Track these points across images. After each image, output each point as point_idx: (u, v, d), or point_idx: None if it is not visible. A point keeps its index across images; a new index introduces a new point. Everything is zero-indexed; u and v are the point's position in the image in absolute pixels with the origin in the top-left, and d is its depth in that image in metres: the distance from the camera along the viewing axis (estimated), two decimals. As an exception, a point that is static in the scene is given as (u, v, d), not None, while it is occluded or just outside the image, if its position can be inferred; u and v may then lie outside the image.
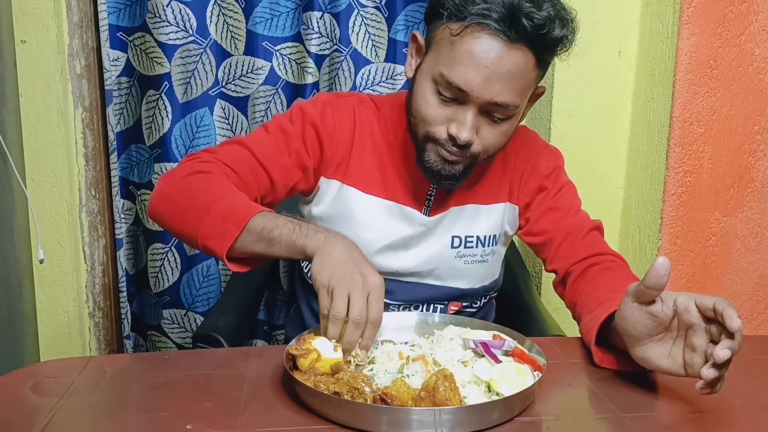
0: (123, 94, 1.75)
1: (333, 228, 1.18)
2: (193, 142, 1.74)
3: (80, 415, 0.87)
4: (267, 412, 0.86)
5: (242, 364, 1.01)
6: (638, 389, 0.93)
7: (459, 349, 0.94)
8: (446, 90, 1.05)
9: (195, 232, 1.03)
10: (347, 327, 0.92)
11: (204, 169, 1.10)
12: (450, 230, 1.22)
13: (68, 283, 1.75)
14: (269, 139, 1.17)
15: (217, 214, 1.02)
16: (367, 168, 1.20)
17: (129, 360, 1.12)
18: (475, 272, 1.25)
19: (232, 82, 1.73)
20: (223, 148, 1.16)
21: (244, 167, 1.14)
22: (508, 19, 0.99)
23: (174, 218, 1.08)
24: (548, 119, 1.71)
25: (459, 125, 1.05)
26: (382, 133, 1.22)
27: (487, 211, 1.24)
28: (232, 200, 1.04)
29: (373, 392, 0.84)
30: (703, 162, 1.56)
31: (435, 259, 1.22)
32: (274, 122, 1.20)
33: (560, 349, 1.07)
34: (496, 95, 1.03)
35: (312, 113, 1.19)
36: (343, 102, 1.22)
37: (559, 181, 1.26)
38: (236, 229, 1.00)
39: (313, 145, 1.19)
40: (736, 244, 1.61)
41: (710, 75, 1.53)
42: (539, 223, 1.24)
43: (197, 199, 1.05)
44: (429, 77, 1.08)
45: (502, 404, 0.83)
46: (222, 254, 1.01)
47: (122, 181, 1.79)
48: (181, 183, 1.09)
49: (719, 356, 0.79)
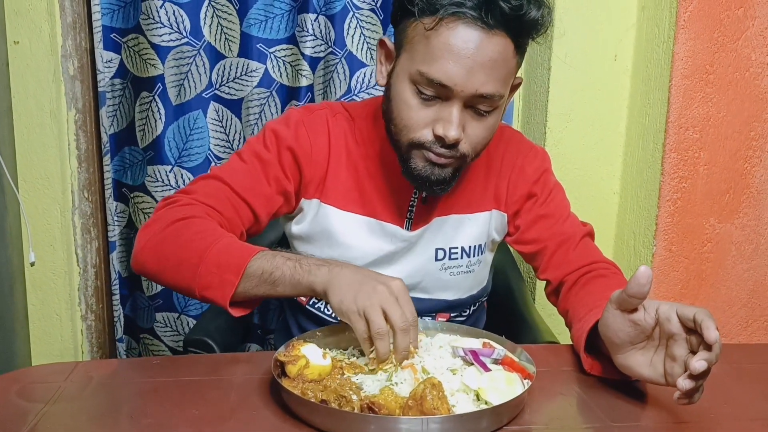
0: (116, 96, 1.74)
1: (314, 246, 1.18)
2: (186, 144, 1.73)
3: (65, 421, 0.86)
4: (254, 420, 0.85)
5: (230, 371, 1.00)
6: (629, 398, 0.92)
7: (448, 357, 0.94)
8: (427, 88, 1.01)
9: (191, 285, 1.00)
10: (397, 338, 0.89)
11: (186, 215, 1.05)
12: (433, 243, 1.19)
13: (60, 286, 1.74)
14: (246, 169, 1.13)
15: (211, 263, 0.98)
16: (344, 184, 1.16)
17: (117, 365, 1.11)
18: (461, 283, 1.23)
19: (226, 84, 1.72)
20: (199, 186, 1.11)
21: (224, 204, 1.10)
22: (484, 5, 0.97)
23: (165, 273, 1.04)
24: (543, 123, 1.70)
25: (445, 124, 1.01)
26: (357, 145, 1.17)
27: (471, 220, 1.20)
28: (223, 246, 1.00)
29: (360, 400, 0.84)
30: (699, 168, 1.55)
31: (419, 272, 1.19)
32: (249, 149, 1.15)
33: (551, 356, 1.06)
34: (480, 86, 1.00)
35: (286, 136, 1.14)
36: (315, 117, 1.17)
37: (548, 186, 1.24)
38: (235, 277, 0.97)
39: (291, 169, 1.15)
40: (731, 251, 1.60)
41: (706, 80, 1.52)
42: (530, 231, 1.22)
43: (186, 249, 1.01)
44: (406, 78, 1.04)
45: (490, 413, 0.82)
46: (225, 304, 0.98)
47: (115, 184, 1.78)
48: (165, 234, 1.04)
49: (695, 367, 0.79)
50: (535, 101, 1.75)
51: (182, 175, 1.73)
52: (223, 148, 1.75)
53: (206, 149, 1.74)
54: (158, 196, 1.74)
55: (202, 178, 1.14)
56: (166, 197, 1.11)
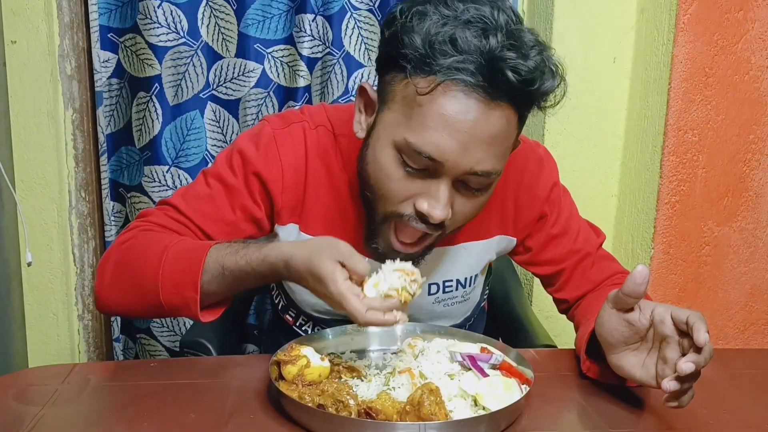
0: (113, 96, 1.74)
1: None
2: (183, 145, 1.72)
3: (63, 425, 0.86)
4: (251, 424, 0.85)
5: (227, 374, 1.00)
6: (627, 405, 0.92)
7: (446, 362, 0.94)
8: (413, 160, 0.89)
9: (160, 312, 0.96)
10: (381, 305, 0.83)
11: (128, 237, 1.00)
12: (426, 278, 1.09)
13: (57, 286, 1.73)
14: (209, 194, 1.04)
15: (168, 284, 0.93)
16: (324, 211, 1.06)
17: (114, 368, 1.11)
18: (456, 311, 1.17)
19: (223, 84, 1.71)
20: (156, 212, 1.05)
21: (184, 233, 1.03)
22: (488, 72, 0.84)
23: (128, 308, 1.01)
24: (542, 125, 1.70)
25: (431, 201, 0.89)
26: (339, 166, 1.05)
27: (470, 249, 1.11)
28: (171, 258, 0.94)
29: (357, 405, 0.84)
30: (698, 171, 1.55)
31: (410, 306, 1.07)
32: (215, 170, 1.06)
33: (549, 361, 1.06)
34: (476, 164, 0.88)
35: (254, 159, 1.03)
36: (290, 132, 1.05)
37: (558, 202, 1.13)
38: (194, 293, 0.92)
39: (260, 195, 1.05)
40: (729, 254, 1.60)
41: (705, 83, 1.52)
42: (545, 253, 1.14)
43: (139, 276, 0.95)
44: (389, 144, 0.91)
45: (488, 419, 0.82)
46: (198, 319, 0.94)
47: (112, 184, 1.77)
48: (114, 265, 0.99)
49: (682, 369, 0.78)
50: (533, 103, 1.75)
51: (179, 176, 1.73)
52: (220, 148, 1.75)
53: (203, 150, 1.74)
54: (155, 196, 1.73)
55: (161, 203, 1.07)
56: (127, 226, 1.06)
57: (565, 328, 1.30)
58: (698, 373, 0.80)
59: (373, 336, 1.07)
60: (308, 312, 1.17)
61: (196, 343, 1.27)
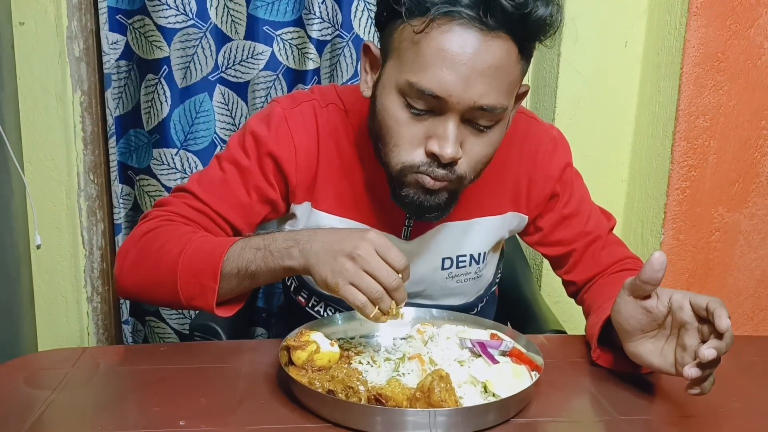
0: (122, 78, 1.73)
1: None
2: (192, 128, 1.72)
3: (73, 409, 0.86)
4: (261, 410, 0.85)
5: (237, 359, 1.00)
6: (637, 392, 0.92)
7: (456, 349, 0.93)
8: (417, 101, 0.89)
9: (175, 299, 0.97)
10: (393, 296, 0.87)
11: (152, 227, 1.01)
12: (439, 252, 1.10)
13: (66, 268, 1.74)
14: (223, 179, 1.05)
15: (187, 273, 0.95)
16: (336, 187, 1.07)
17: (123, 352, 1.12)
18: (469, 289, 1.17)
19: (232, 67, 1.71)
20: (173, 200, 1.06)
21: (201, 219, 1.04)
22: (482, 2, 0.84)
23: (148, 292, 1.01)
24: (552, 110, 1.68)
25: (440, 140, 0.90)
26: (351, 144, 1.06)
27: (483, 224, 1.11)
28: (193, 251, 0.96)
29: (367, 391, 0.84)
30: (709, 157, 1.54)
31: (423, 282, 1.12)
32: (228, 153, 1.07)
33: (559, 347, 1.06)
34: (479, 98, 0.88)
35: (267, 139, 1.04)
36: (301, 111, 1.06)
37: (570, 183, 1.14)
38: (214, 282, 0.93)
39: (274, 176, 1.06)
40: (739, 240, 1.59)
41: (718, 68, 1.51)
42: (555, 233, 1.15)
43: (160, 263, 0.97)
44: (393, 90, 0.92)
45: (497, 406, 0.82)
46: (212, 311, 0.96)
47: (121, 166, 1.77)
48: (136, 252, 1.00)
49: (704, 355, 0.78)
50: (544, 87, 1.73)
51: (188, 159, 1.73)
52: (229, 131, 1.74)
53: (212, 132, 1.73)
54: (164, 179, 1.73)
55: (177, 189, 1.08)
56: (144, 213, 1.07)
57: (574, 314, 1.30)
58: (719, 360, 0.79)
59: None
60: (320, 291, 1.17)
61: (205, 327, 1.28)
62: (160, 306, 1.02)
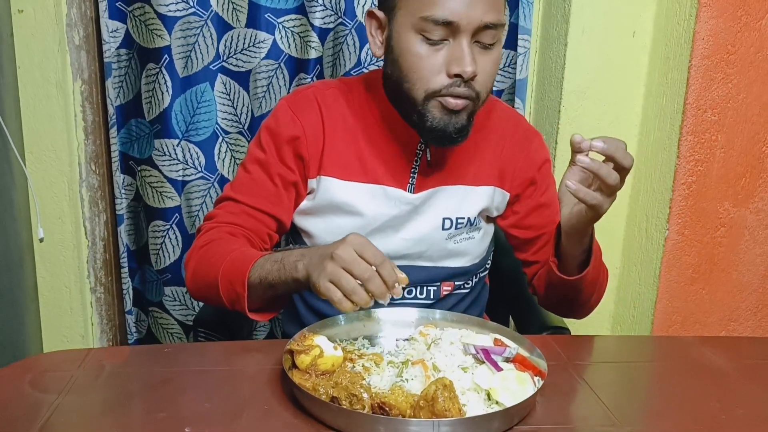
0: (122, 67, 1.71)
1: (321, 219, 1.20)
2: (193, 118, 1.70)
3: (79, 413, 0.86)
4: (265, 415, 0.85)
5: (241, 361, 1.01)
6: (641, 398, 0.92)
7: (459, 354, 0.93)
8: (433, 31, 1.04)
9: (224, 303, 1.08)
10: (367, 286, 0.93)
11: (206, 241, 1.14)
12: (441, 212, 1.20)
13: (69, 259, 1.74)
14: (250, 179, 1.19)
15: (225, 281, 1.06)
16: (342, 155, 1.18)
17: (127, 353, 1.12)
18: (465, 251, 1.24)
19: (234, 56, 1.69)
20: (218, 210, 1.19)
21: (243, 219, 1.17)
22: None
23: (207, 298, 1.13)
24: (558, 101, 1.66)
25: (459, 61, 1.04)
26: (353, 113, 1.19)
27: (475, 192, 1.22)
28: (229, 262, 1.07)
29: (371, 399, 0.84)
30: (716, 151, 1.52)
31: (424, 241, 1.20)
32: (249, 157, 1.20)
33: (563, 349, 1.06)
34: (484, 15, 1.03)
35: (276, 128, 1.18)
36: (301, 97, 1.20)
37: (548, 176, 1.28)
38: (242, 290, 1.04)
39: (292, 158, 1.18)
40: (744, 235, 1.58)
41: (727, 60, 1.48)
42: (529, 218, 1.26)
43: (209, 273, 1.09)
44: (410, 31, 1.06)
45: (501, 415, 0.82)
46: (248, 314, 1.06)
47: (122, 156, 1.76)
48: (195, 264, 1.14)
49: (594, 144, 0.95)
50: (550, 77, 1.71)
51: (189, 150, 1.72)
52: (231, 122, 1.73)
53: (214, 123, 1.72)
54: (165, 170, 1.72)
55: (219, 200, 1.21)
56: (199, 227, 1.19)
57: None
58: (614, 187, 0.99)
59: (385, 323, 1.07)
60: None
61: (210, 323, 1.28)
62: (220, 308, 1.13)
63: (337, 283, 0.93)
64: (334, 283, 0.93)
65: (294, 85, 1.70)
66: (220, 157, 1.74)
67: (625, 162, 0.99)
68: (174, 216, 1.76)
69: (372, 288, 0.93)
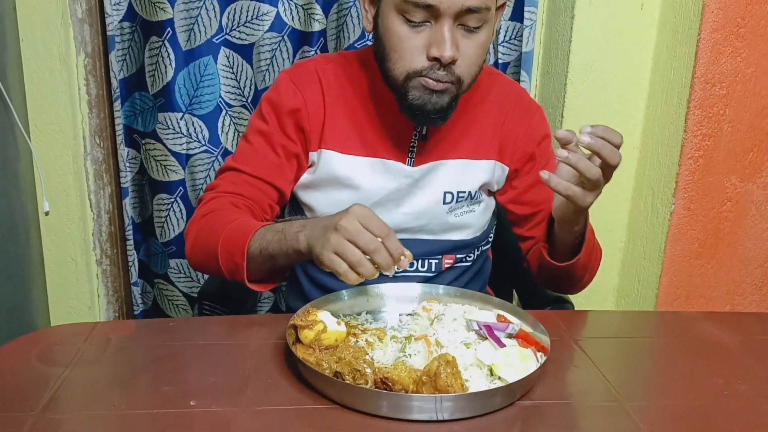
0: (125, 40, 1.70)
1: (321, 193, 1.20)
2: (197, 91, 1.69)
3: (86, 387, 0.87)
4: (269, 389, 0.86)
5: (246, 335, 1.01)
6: (643, 373, 0.93)
7: (462, 330, 0.93)
8: (414, 13, 1.02)
9: (222, 273, 1.07)
10: (375, 258, 0.91)
11: (208, 210, 1.13)
12: (441, 185, 1.20)
13: (75, 232, 1.75)
14: (252, 149, 1.18)
15: (224, 250, 1.06)
16: (342, 128, 1.17)
17: (133, 327, 1.13)
18: (467, 224, 1.24)
19: (237, 28, 1.67)
20: (220, 180, 1.18)
21: (245, 188, 1.16)
22: None
23: (206, 267, 1.12)
24: (564, 74, 1.65)
25: (439, 44, 1.02)
26: (353, 87, 1.19)
27: (476, 165, 1.21)
28: (230, 232, 1.06)
29: (374, 374, 0.84)
30: (723, 125, 1.51)
31: (425, 215, 1.20)
32: (251, 129, 1.20)
33: (566, 324, 1.06)
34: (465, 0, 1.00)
35: (278, 100, 1.17)
36: (303, 70, 1.19)
37: (547, 153, 1.26)
38: (241, 260, 1.03)
39: (293, 130, 1.17)
40: (751, 210, 1.57)
41: (737, 34, 1.46)
42: (528, 194, 1.25)
43: (209, 242, 1.08)
44: (392, 11, 1.05)
45: (503, 391, 0.82)
46: (247, 284, 1.05)
47: (126, 130, 1.76)
48: (197, 233, 1.12)
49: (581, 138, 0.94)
50: (556, 50, 1.69)
51: (193, 123, 1.71)
52: (234, 95, 1.72)
53: (217, 96, 1.71)
54: (169, 144, 1.72)
55: (220, 171, 1.20)
56: (200, 197, 1.18)
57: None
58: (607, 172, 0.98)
59: (389, 297, 1.08)
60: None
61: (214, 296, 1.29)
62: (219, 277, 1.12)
63: (342, 255, 0.91)
64: (338, 254, 0.92)
65: (297, 57, 1.69)
66: (224, 131, 1.74)
67: (612, 160, 0.97)
68: (178, 189, 1.76)
69: (378, 260, 0.91)
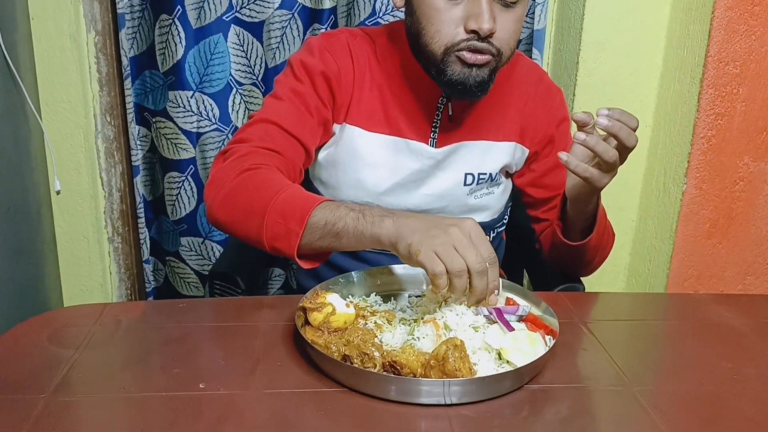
0: (135, 18, 1.69)
1: (340, 171, 1.18)
2: (207, 69, 1.69)
3: (97, 369, 0.88)
4: (278, 372, 0.87)
5: (255, 316, 1.01)
6: (653, 357, 0.93)
7: (470, 314, 0.93)
8: None
9: (260, 235, 0.99)
10: (473, 280, 0.86)
11: (251, 165, 1.04)
12: (463, 168, 1.19)
13: (87, 210, 1.76)
14: (286, 106, 1.12)
15: (276, 213, 0.98)
16: (368, 104, 1.16)
17: (143, 308, 1.13)
18: (485, 206, 1.24)
19: (247, 6, 1.66)
20: (251, 132, 1.10)
21: (281, 143, 1.09)
22: None
23: (236, 224, 1.03)
24: (576, 52, 1.63)
25: (477, 17, 1.02)
26: (379, 64, 1.17)
27: (498, 148, 1.21)
28: (288, 195, 0.99)
29: (382, 357, 0.85)
30: (737, 105, 1.49)
31: (446, 197, 1.20)
32: (281, 87, 1.15)
33: (575, 307, 1.06)
34: None
35: (315, 64, 1.14)
36: (335, 41, 1.17)
37: (567, 135, 1.25)
38: (299, 227, 0.96)
39: (326, 96, 1.15)
40: (763, 190, 1.56)
41: (751, 12, 1.43)
42: (547, 178, 1.25)
43: (253, 199, 1.00)
44: None
45: (512, 375, 0.83)
46: (293, 255, 0.98)
47: (137, 108, 1.76)
48: (233, 186, 1.03)
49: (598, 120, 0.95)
50: (568, 28, 1.67)
51: (203, 101, 1.71)
52: (245, 73, 1.71)
53: (227, 75, 1.70)
54: (180, 122, 1.72)
55: (248, 125, 1.12)
56: (222, 150, 1.10)
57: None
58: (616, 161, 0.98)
59: (398, 279, 1.08)
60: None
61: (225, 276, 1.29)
62: (243, 240, 1.03)
63: (444, 259, 0.85)
64: (440, 256, 0.86)
65: (308, 35, 1.68)
66: (234, 109, 1.74)
67: (628, 142, 0.97)
68: (189, 167, 1.77)
69: (476, 283, 0.86)
